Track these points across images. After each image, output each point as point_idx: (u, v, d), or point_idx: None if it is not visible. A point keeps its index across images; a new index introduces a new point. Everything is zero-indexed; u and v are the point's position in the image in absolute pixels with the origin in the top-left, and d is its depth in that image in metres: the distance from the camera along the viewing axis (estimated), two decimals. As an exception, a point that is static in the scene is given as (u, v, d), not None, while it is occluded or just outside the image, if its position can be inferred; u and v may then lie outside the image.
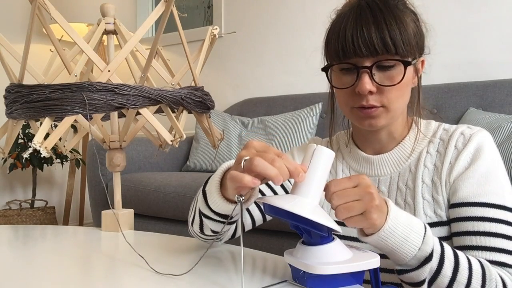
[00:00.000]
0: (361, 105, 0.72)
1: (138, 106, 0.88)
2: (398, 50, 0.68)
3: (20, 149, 2.35)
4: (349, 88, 0.72)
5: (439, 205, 0.73)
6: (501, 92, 1.76)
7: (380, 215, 0.59)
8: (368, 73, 0.70)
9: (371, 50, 0.68)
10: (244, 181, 0.54)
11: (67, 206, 2.68)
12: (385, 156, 0.80)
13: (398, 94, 0.72)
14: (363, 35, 0.68)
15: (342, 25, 0.71)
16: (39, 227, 1.07)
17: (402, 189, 0.77)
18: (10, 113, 0.90)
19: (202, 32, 2.68)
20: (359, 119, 0.75)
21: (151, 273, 0.68)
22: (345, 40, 0.70)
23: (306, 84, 2.41)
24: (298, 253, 0.60)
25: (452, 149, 0.74)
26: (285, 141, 2.07)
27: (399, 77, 0.70)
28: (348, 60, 0.71)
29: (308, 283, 0.59)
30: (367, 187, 0.58)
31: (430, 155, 0.76)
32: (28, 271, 0.71)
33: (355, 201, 0.58)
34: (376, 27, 0.68)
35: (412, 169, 0.77)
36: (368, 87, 0.70)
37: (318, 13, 2.37)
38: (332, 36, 0.73)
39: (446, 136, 0.76)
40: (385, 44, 0.68)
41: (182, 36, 0.97)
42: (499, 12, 1.94)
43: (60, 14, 0.86)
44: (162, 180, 1.84)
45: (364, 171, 0.81)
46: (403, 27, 0.69)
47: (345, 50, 0.70)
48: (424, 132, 0.79)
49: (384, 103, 0.72)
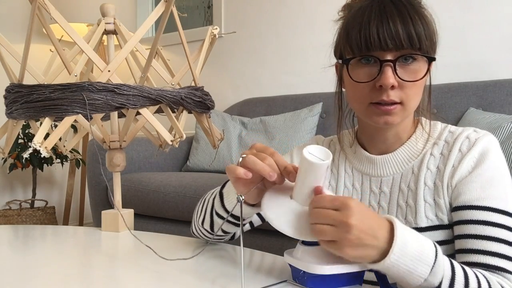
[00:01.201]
0: (381, 100, 0.69)
1: (138, 106, 0.88)
2: (422, 45, 0.68)
3: (20, 149, 2.35)
4: (369, 82, 0.70)
5: (441, 208, 0.72)
6: (501, 92, 1.76)
7: (358, 251, 0.55)
8: (391, 67, 0.68)
9: (397, 43, 0.67)
10: (236, 172, 0.61)
11: (67, 206, 2.68)
12: (388, 156, 0.78)
13: (417, 91, 0.71)
14: (388, 27, 0.67)
15: (365, 18, 0.69)
16: (39, 227, 1.07)
17: (404, 191, 0.76)
18: (10, 113, 0.90)
19: (202, 32, 2.68)
20: (375, 116, 0.72)
21: (151, 273, 0.68)
22: (369, 32, 0.68)
23: (306, 84, 2.41)
24: (298, 253, 0.61)
25: (456, 152, 0.73)
26: (285, 141, 2.07)
27: (421, 73, 0.69)
28: (370, 53, 0.69)
29: (308, 283, 0.59)
30: (346, 216, 0.54)
31: (434, 157, 0.75)
32: (28, 271, 0.71)
33: (328, 225, 0.55)
34: (401, 20, 0.67)
35: (415, 170, 0.76)
36: (392, 80, 0.67)
37: (318, 13, 2.37)
38: (354, 28, 0.70)
39: (451, 138, 0.75)
40: (410, 37, 0.67)
41: (182, 36, 0.97)
42: (499, 12, 1.94)
43: (60, 14, 0.86)
44: (162, 180, 1.84)
45: (367, 171, 0.80)
46: (426, 23, 0.68)
47: (369, 43, 0.68)
48: (430, 133, 0.78)
49: (403, 99, 0.70)
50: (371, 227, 0.55)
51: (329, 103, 2.17)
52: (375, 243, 0.55)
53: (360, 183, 0.81)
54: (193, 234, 0.88)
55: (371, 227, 0.55)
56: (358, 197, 0.80)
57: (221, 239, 0.84)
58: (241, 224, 0.58)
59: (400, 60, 0.68)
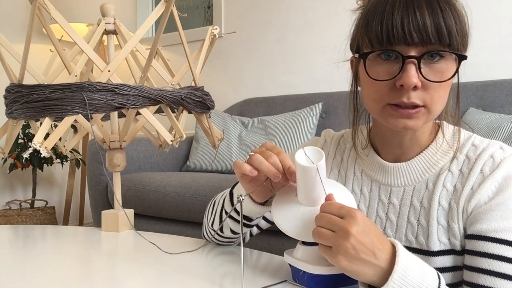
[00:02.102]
0: (400, 102, 0.61)
1: (138, 106, 0.88)
2: (452, 40, 0.59)
3: (20, 149, 2.35)
4: (388, 80, 0.61)
5: (453, 232, 0.65)
6: (501, 92, 1.76)
7: (353, 264, 0.52)
8: (415, 64, 0.59)
9: (424, 37, 0.58)
10: (242, 168, 0.62)
11: (67, 206, 2.68)
12: (402, 165, 0.70)
13: (442, 94, 0.62)
14: (415, 19, 0.58)
15: (387, 6, 0.60)
16: (39, 227, 1.07)
17: (416, 207, 0.69)
18: (10, 113, 0.90)
19: (202, 32, 2.68)
20: (392, 119, 0.63)
21: (151, 273, 0.68)
22: (392, 23, 0.59)
23: (306, 84, 2.41)
24: (298, 253, 0.61)
25: (477, 173, 0.64)
26: (285, 141, 2.07)
27: (449, 72, 0.61)
28: (392, 47, 0.60)
29: (308, 283, 0.59)
30: (348, 224, 0.52)
31: (452, 174, 0.67)
32: (28, 271, 0.71)
33: (328, 230, 0.54)
34: (430, 11, 0.58)
35: (430, 186, 0.68)
36: (415, 80, 0.59)
37: (318, 13, 2.37)
38: (375, 18, 0.61)
39: (474, 154, 0.66)
40: (439, 31, 0.58)
41: (182, 36, 0.97)
42: (499, 12, 1.94)
43: (60, 14, 0.86)
44: (162, 180, 1.84)
45: (377, 178, 0.73)
46: (458, 16, 0.60)
47: (392, 35, 0.59)
48: (450, 144, 0.69)
49: (426, 102, 0.61)
50: (372, 243, 0.52)
51: (329, 103, 2.17)
52: (373, 261, 0.52)
53: (369, 189, 0.74)
54: (204, 238, 0.87)
55: (371, 243, 0.52)
56: (366, 204, 0.74)
57: (231, 242, 0.83)
58: (241, 224, 0.58)
59: (425, 57, 0.60)
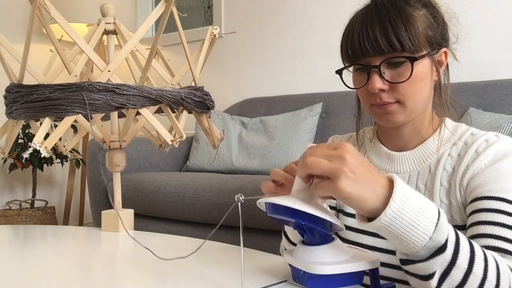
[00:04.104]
0: (376, 103, 0.74)
1: (138, 106, 0.88)
2: (404, 47, 0.70)
3: (20, 149, 2.35)
4: (364, 87, 0.74)
5: (453, 209, 0.73)
6: (501, 92, 1.76)
7: (354, 187, 0.51)
8: (377, 72, 0.72)
9: (377, 49, 0.70)
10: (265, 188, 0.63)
11: (67, 206, 2.68)
12: (406, 153, 0.80)
13: (413, 89, 0.73)
14: (368, 36, 0.71)
15: (351, 28, 0.74)
16: (39, 227, 1.07)
17: (421, 189, 0.77)
18: (10, 113, 0.90)
19: (202, 32, 2.68)
20: (377, 116, 0.77)
21: (151, 273, 0.68)
22: (353, 42, 0.73)
23: (306, 84, 2.41)
24: (298, 253, 0.60)
25: (471, 152, 0.73)
26: (285, 141, 2.07)
27: (409, 72, 0.71)
28: (358, 61, 0.74)
29: (308, 283, 0.59)
30: (342, 151, 0.52)
31: (451, 157, 0.76)
32: (28, 271, 0.71)
33: (323, 160, 0.53)
34: (380, 26, 0.70)
35: (432, 169, 0.77)
36: (378, 85, 0.72)
37: (318, 13, 2.37)
38: (343, 39, 0.76)
39: (471, 140, 0.75)
40: (390, 42, 0.70)
41: (182, 36, 0.97)
42: (499, 12, 1.94)
43: (60, 14, 0.86)
44: (162, 180, 1.84)
45: (384, 167, 0.82)
46: (410, 23, 0.70)
47: (354, 52, 0.73)
48: (451, 134, 0.79)
49: (398, 98, 0.73)
50: (369, 169, 0.53)
51: (329, 103, 2.17)
52: (373, 184, 0.52)
53: None
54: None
55: (368, 169, 0.53)
56: None
57: None
58: (241, 224, 0.58)
59: (385, 64, 0.72)
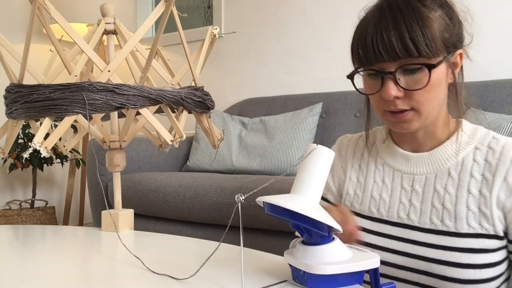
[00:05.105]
0: (390, 110, 0.71)
1: (138, 106, 0.88)
2: (421, 52, 0.66)
3: (20, 149, 2.35)
4: (377, 93, 0.71)
5: (487, 218, 0.70)
6: (501, 92, 1.76)
7: None
8: (392, 79, 0.68)
9: (392, 55, 0.66)
10: None
11: (67, 206, 2.68)
12: (424, 155, 0.77)
13: (428, 97, 0.69)
14: (382, 40, 0.66)
15: (363, 30, 0.70)
16: (39, 227, 1.07)
17: (440, 193, 0.74)
18: (10, 113, 0.90)
19: (202, 32, 2.68)
20: (391, 123, 0.73)
21: (151, 274, 0.68)
22: (366, 46, 0.68)
23: (306, 84, 2.41)
24: (298, 253, 0.60)
25: (508, 163, 0.70)
26: (285, 141, 2.07)
27: (425, 80, 0.68)
28: (371, 65, 0.70)
29: (308, 283, 0.59)
30: None
31: (478, 164, 0.72)
32: (28, 271, 0.71)
33: None
34: (396, 30, 0.66)
35: (453, 174, 0.74)
36: (393, 93, 0.68)
37: (318, 13, 2.37)
38: (355, 42, 0.72)
39: (497, 146, 0.72)
40: (406, 47, 0.65)
41: (182, 36, 0.97)
42: (499, 12, 1.94)
43: (60, 14, 0.86)
44: (162, 180, 1.84)
45: (400, 168, 0.79)
46: (426, 26, 0.66)
47: (367, 56, 0.69)
48: (470, 137, 0.76)
49: (413, 106, 0.70)
50: None
51: (329, 103, 2.17)
52: None
53: (391, 179, 0.80)
54: None
55: None
56: (388, 193, 0.80)
57: None
58: (241, 224, 0.58)
59: (400, 70, 0.68)
